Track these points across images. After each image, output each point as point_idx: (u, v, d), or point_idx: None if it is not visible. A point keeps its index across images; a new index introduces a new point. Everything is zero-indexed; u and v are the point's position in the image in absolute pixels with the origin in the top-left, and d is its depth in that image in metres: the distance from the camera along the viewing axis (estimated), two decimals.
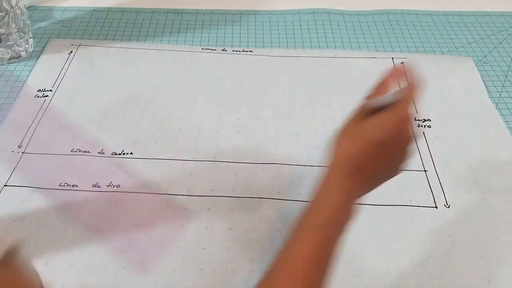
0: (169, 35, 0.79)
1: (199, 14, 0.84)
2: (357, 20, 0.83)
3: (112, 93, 0.66)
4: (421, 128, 0.62)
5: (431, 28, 0.81)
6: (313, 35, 0.79)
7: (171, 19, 0.83)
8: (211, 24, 0.82)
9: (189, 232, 0.51)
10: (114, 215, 0.52)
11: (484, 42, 0.78)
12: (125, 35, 0.79)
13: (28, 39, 0.74)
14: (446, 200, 0.54)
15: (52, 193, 0.53)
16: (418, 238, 0.50)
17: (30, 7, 0.85)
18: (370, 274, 0.47)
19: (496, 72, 0.72)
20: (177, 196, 0.54)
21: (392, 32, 0.80)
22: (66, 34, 0.78)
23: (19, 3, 0.69)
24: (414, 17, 0.84)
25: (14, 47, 0.71)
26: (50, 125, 0.61)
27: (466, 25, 0.82)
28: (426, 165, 0.58)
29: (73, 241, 0.49)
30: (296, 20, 0.83)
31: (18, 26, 0.70)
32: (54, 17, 0.83)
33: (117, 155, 0.58)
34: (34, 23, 0.81)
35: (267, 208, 0.53)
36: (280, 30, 0.81)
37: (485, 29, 0.81)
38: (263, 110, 0.64)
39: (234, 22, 0.83)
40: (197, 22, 0.82)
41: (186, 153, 0.58)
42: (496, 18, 0.84)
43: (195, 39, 0.78)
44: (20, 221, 0.51)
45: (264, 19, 0.83)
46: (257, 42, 0.78)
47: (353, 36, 0.79)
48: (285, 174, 0.56)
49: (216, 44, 0.77)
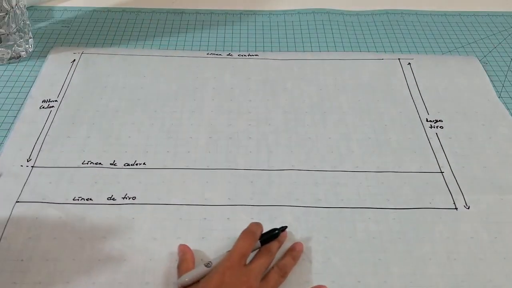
0: (169, 35, 0.78)
1: (199, 14, 0.84)
2: (357, 20, 0.83)
3: (119, 102, 0.64)
4: (433, 129, 0.62)
5: (431, 28, 0.81)
6: (313, 35, 0.79)
7: (171, 19, 0.82)
8: (211, 24, 0.81)
9: (211, 243, 0.50)
10: (132, 228, 0.51)
11: (484, 42, 0.79)
12: (125, 35, 0.78)
13: (28, 39, 0.73)
14: (465, 201, 0.54)
15: (67, 207, 0.52)
16: (441, 240, 0.50)
17: (30, 7, 0.84)
18: (397, 280, 0.47)
19: (496, 72, 0.73)
20: (195, 206, 0.53)
21: (392, 32, 0.80)
22: (66, 34, 0.78)
23: (19, 3, 0.68)
24: (414, 17, 0.84)
25: (14, 47, 0.70)
26: (58, 137, 0.59)
27: (466, 25, 0.82)
28: (442, 167, 0.57)
29: (92, 257, 0.48)
30: (296, 20, 0.83)
31: (18, 26, 0.69)
32: (54, 17, 0.82)
33: (130, 166, 0.57)
34: (34, 23, 0.80)
35: (288, 215, 0.52)
36: (280, 30, 0.81)
37: (485, 29, 0.82)
38: (273, 115, 0.63)
39: (234, 22, 0.82)
40: (197, 22, 0.82)
41: (200, 161, 0.57)
42: (496, 18, 0.84)
43: (195, 40, 0.78)
44: (36, 239, 0.49)
45: (264, 19, 0.83)
46: (257, 42, 0.77)
47: (353, 36, 0.79)
48: (302, 180, 0.56)
49: (216, 44, 0.77)
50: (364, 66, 0.71)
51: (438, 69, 0.70)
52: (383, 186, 0.55)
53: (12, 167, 0.56)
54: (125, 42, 0.76)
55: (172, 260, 0.48)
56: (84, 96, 0.65)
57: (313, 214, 0.52)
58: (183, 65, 0.71)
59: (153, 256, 0.48)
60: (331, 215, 0.52)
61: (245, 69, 0.70)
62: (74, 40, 0.77)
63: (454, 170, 0.57)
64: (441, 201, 0.54)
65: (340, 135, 0.61)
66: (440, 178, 0.56)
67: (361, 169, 0.57)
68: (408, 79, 0.69)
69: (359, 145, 0.60)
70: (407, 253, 0.49)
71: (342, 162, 0.58)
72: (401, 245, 0.50)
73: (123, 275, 0.47)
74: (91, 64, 0.70)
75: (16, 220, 0.51)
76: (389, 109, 0.65)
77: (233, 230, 0.50)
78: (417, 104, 0.65)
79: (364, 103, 0.65)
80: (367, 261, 0.48)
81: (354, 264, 0.48)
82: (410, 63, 0.71)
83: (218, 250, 0.49)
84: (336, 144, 0.60)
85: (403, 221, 0.52)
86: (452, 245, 0.50)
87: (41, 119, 0.62)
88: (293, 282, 0.47)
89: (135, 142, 0.59)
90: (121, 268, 0.47)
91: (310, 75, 0.69)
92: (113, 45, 0.75)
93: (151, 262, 0.48)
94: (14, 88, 0.68)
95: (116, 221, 0.51)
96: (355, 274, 0.47)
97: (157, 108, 0.64)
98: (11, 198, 0.53)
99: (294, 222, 0.51)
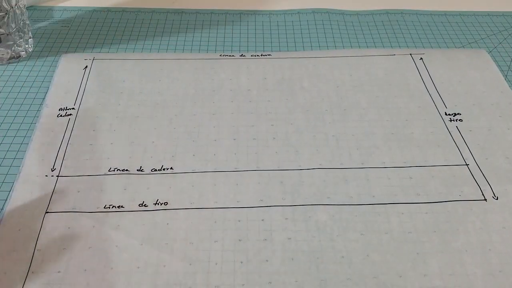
0: (169, 35, 0.78)
1: (199, 14, 0.84)
2: (357, 19, 0.83)
3: (138, 108, 0.64)
4: (453, 123, 0.63)
5: (431, 28, 0.82)
6: (313, 35, 0.79)
7: (171, 19, 0.82)
8: (211, 24, 0.81)
9: (248, 245, 0.49)
10: (168, 234, 0.50)
11: (484, 42, 0.79)
12: (125, 35, 0.78)
13: (28, 39, 0.72)
14: (493, 192, 0.55)
15: (99, 216, 0.51)
16: (475, 232, 0.51)
17: (30, 7, 0.83)
18: (437, 272, 0.48)
19: None
20: (228, 209, 0.52)
21: (392, 32, 0.80)
22: (66, 34, 0.77)
23: (19, 3, 0.67)
24: (414, 17, 0.84)
25: (14, 47, 0.70)
26: (80, 145, 0.59)
27: (466, 24, 0.83)
28: (466, 159, 0.58)
29: (131, 265, 0.47)
30: (296, 20, 0.83)
31: (18, 26, 0.68)
32: (54, 17, 0.82)
33: (157, 171, 0.56)
34: (34, 23, 0.80)
35: (322, 214, 0.52)
36: (280, 30, 0.81)
37: (485, 29, 0.82)
38: (294, 115, 0.64)
39: (234, 22, 0.82)
40: (197, 22, 0.82)
41: (227, 164, 0.57)
42: (496, 18, 0.85)
43: (195, 39, 0.77)
44: (71, 249, 0.48)
45: (264, 19, 0.83)
46: (257, 42, 0.77)
47: (353, 36, 0.79)
48: (331, 178, 0.56)
49: (216, 44, 0.76)
50: (377, 62, 0.72)
51: (450, 63, 0.71)
52: (412, 181, 0.56)
53: (36, 177, 0.55)
54: (125, 42, 0.76)
55: (211, 264, 0.48)
56: (101, 103, 0.64)
57: (347, 212, 0.52)
58: (198, 68, 0.70)
59: (192, 261, 0.48)
60: (364, 212, 0.52)
61: (259, 69, 0.70)
62: (74, 40, 0.76)
63: (478, 162, 0.58)
64: (470, 193, 0.54)
65: (363, 132, 0.61)
66: (466, 171, 0.57)
67: (388, 165, 0.57)
68: (422, 73, 0.70)
69: (383, 141, 0.60)
70: (443, 245, 0.50)
71: (368, 159, 0.58)
72: (436, 238, 0.50)
73: (164, 281, 0.46)
74: (104, 70, 0.69)
75: (48, 232, 0.50)
76: (407, 104, 0.65)
77: (269, 231, 0.51)
78: (434, 98, 0.66)
79: (382, 99, 0.66)
80: (406, 255, 0.49)
81: (393, 259, 0.48)
82: (422, 58, 0.72)
83: (256, 252, 0.49)
84: (360, 141, 0.60)
85: (435, 215, 0.52)
86: (485, 236, 0.51)
87: (60, 127, 0.61)
88: (333, 280, 0.47)
89: (159, 147, 0.59)
90: (162, 275, 0.47)
91: (325, 73, 0.70)
92: (113, 45, 0.75)
93: (191, 267, 0.47)
94: (14, 88, 0.67)
95: (151, 228, 0.50)
96: (395, 269, 0.48)
97: (177, 112, 0.63)
98: (40, 209, 0.52)
99: (329, 220, 0.52)
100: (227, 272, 0.47)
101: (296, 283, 0.46)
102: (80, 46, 0.75)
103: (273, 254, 0.49)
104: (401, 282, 0.47)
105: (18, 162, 0.57)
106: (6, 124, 0.62)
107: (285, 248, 0.49)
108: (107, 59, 0.71)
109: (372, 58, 0.72)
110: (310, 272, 0.47)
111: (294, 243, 0.50)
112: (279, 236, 0.50)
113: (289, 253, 0.49)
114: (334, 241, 0.50)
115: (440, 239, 0.50)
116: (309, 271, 0.47)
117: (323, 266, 0.48)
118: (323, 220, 0.52)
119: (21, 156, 0.58)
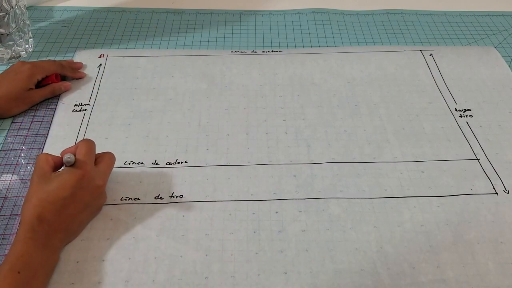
0: (169, 35, 0.79)
1: (199, 14, 0.84)
2: (357, 20, 0.83)
3: (152, 103, 0.65)
4: (464, 118, 0.63)
5: (431, 28, 0.82)
6: (313, 35, 0.80)
7: (171, 19, 0.83)
8: (211, 24, 0.82)
9: (263, 237, 0.50)
10: (184, 225, 0.51)
11: (484, 42, 0.79)
12: (125, 35, 0.78)
13: (28, 39, 0.73)
14: (504, 185, 0.55)
15: (116, 208, 0.52)
16: (486, 225, 0.52)
17: (30, 7, 0.84)
18: (450, 265, 0.48)
19: None
20: (243, 202, 0.53)
21: (392, 32, 0.81)
22: (66, 34, 0.78)
23: (19, 3, 0.68)
24: (414, 17, 0.84)
25: (14, 47, 0.70)
26: (96, 138, 0.59)
27: (466, 25, 0.83)
28: (477, 154, 0.59)
29: (147, 256, 0.48)
30: (296, 20, 0.83)
31: (18, 26, 0.69)
32: (54, 17, 0.82)
33: (172, 165, 0.57)
34: (34, 23, 0.80)
35: (335, 207, 0.53)
36: (280, 30, 0.81)
37: (485, 29, 0.82)
38: (306, 110, 0.64)
39: (234, 22, 0.82)
40: (197, 22, 0.82)
41: (240, 157, 0.58)
42: (496, 18, 0.85)
43: (195, 39, 0.78)
44: (89, 240, 0.49)
45: (264, 19, 0.83)
46: (257, 42, 0.78)
47: (353, 36, 0.80)
48: (344, 172, 0.57)
49: (216, 44, 0.77)
50: (387, 58, 0.72)
51: (460, 60, 0.72)
52: (424, 175, 0.56)
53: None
54: (125, 42, 0.77)
55: (227, 254, 0.49)
56: (116, 99, 0.65)
57: (359, 205, 0.53)
58: (209, 64, 0.71)
59: (209, 252, 0.49)
60: (377, 206, 0.53)
61: (270, 65, 0.71)
62: (74, 40, 0.77)
63: (489, 157, 0.58)
64: (481, 187, 0.55)
65: (375, 127, 0.62)
66: (477, 165, 0.58)
67: (400, 159, 0.58)
68: (432, 69, 0.70)
69: (395, 136, 0.61)
70: (455, 238, 0.50)
71: (380, 153, 0.59)
72: (449, 231, 0.51)
73: (181, 271, 0.47)
74: (118, 68, 0.70)
75: None
76: (418, 99, 0.66)
77: (283, 223, 0.51)
78: (444, 94, 0.67)
79: (393, 94, 0.67)
80: (419, 248, 0.49)
81: (407, 251, 0.49)
82: (432, 54, 0.73)
83: (271, 243, 0.49)
84: (372, 135, 0.61)
85: (447, 208, 0.53)
86: (497, 229, 0.51)
87: (76, 122, 0.62)
88: (347, 271, 0.48)
89: (173, 141, 0.60)
90: (179, 265, 0.48)
91: (336, 69, 0.70)
92: (113, 45, 0.76)
93: (208, 257, 0.48)
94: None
95: (167, 220, 0.51)
96: (409, 261, 0.48)
97: (190, 107, 0.64)
98: None
99: (342, 213, 0.52)
100: (242, 261, 0.48)
101: (311, 273, 0.47)
102: (80, 46, 0.76)
103: (288, 245, 0.49)
104: (415, 273, 0.47)
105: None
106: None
107: (299, 239, 0.50)
108: (120, 56, 0.72)
109: (382, 54, 0.73)
110: (324, 263, 0.48)
111: (309, 235, 0.50)
112: (293, 228, 0.51)
113: (304, 244, 0.50)
114: (347, 233, 0.51)
115: (452, 231, 0.51)
116: (324, 262, 0.48)
117: (337, 258, 0.48)
118: (336, 213, 0.52)
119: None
